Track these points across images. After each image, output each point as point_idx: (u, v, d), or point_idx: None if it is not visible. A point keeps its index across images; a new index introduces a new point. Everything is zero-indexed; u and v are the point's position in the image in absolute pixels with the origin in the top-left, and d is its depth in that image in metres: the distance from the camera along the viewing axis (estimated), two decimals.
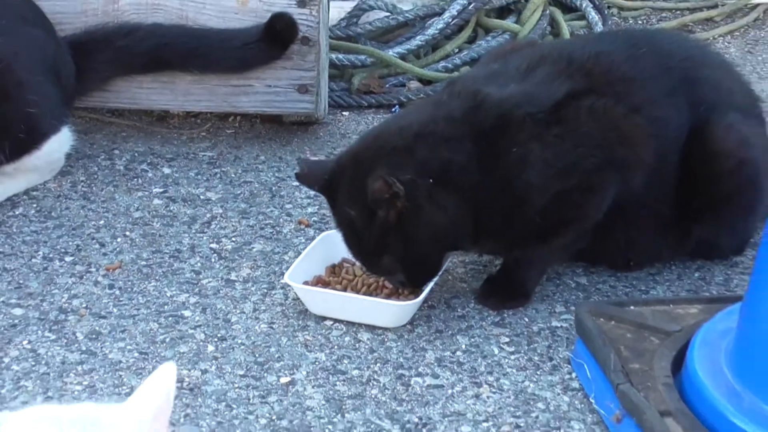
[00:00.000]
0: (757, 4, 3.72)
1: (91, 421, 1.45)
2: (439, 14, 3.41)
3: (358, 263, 2.49)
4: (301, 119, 3.08)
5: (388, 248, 2.33)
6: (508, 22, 3.46)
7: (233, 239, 2.75)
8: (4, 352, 2.36)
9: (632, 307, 2.30)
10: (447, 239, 2.39)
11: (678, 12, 3.68)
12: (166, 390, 1.46)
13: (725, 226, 2.59)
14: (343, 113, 3.16)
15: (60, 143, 2.87)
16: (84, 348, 2.37)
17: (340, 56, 3.26)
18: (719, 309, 2.20)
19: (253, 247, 2.71)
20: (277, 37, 3.00)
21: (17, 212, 2.81)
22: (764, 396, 1.92)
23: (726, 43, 3.48)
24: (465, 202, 2.35)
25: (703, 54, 2.81)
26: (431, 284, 2.42)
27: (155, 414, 1.47)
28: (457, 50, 3.40)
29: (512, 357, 2.34)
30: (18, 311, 2.49)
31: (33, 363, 2.32)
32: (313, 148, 3.00)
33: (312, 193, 2.84)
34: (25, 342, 2.39)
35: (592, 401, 2.18)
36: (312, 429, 2.14)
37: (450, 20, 3.38)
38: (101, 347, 2.38)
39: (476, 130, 2.36)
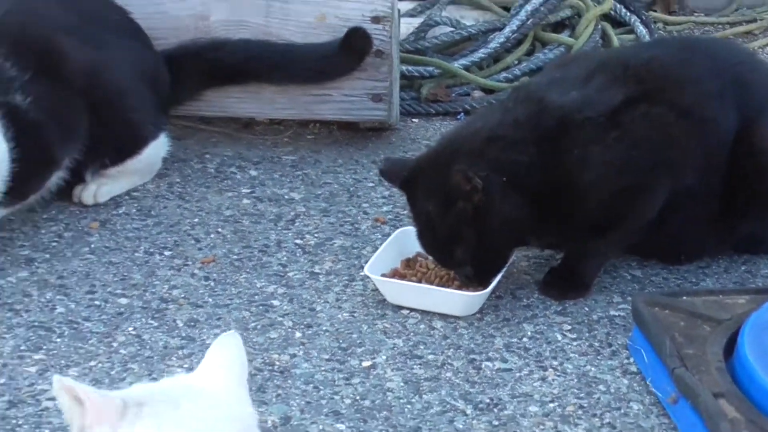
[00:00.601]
0: None
1: (196, 391, 1.52)
2: (500, 29, 3.42)
3: (430, 257, 2.49)
4: (375, 126, 3.10)
5: (462, 240, 2.35)
6: (563, 36, 3.46)
7: (316, 235, 2.77)
8: (113, 338, 2.38)
9: (684, 298, 2.32)
10: (515, 233, 2.42)
11: (719, 26, 3.68)
12: (238, 355, 1.53)
13: None
14: (413, 120, 3.19)
15: (158, 148, 2.92)
16: (184, 334, 2.40)
17: (410, 68, 3.28)
18: (766, 299, 2.21)
19: (334, 243, 2.74)
20: (353, 50, 3.02)
21: (120, 211, 2.85)
22: None
23: (765, 54, 3.46)
24: (530, 199, 2.37)
25: (751, 59, 2.82)
26: (498, 277, 2.44)
27: (239, 377, 1.54)
28: (516, 62, 3.41)
29: (574, 343, 2.37)
30: (123, 300, 2.52)
31: (138, 347, 2.35)
32: (386, 152, 3.01)
33: (387, 192, 2.87)
34: (130, 328, 2.42)
35: (649, 384, 2.20)
36: (392, 408, 2.16)
37: (510, 35, 3.38)
38: (199, 333, 2.40)
39: (540, 133, 2.38)
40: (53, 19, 2.80)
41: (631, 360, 2.31)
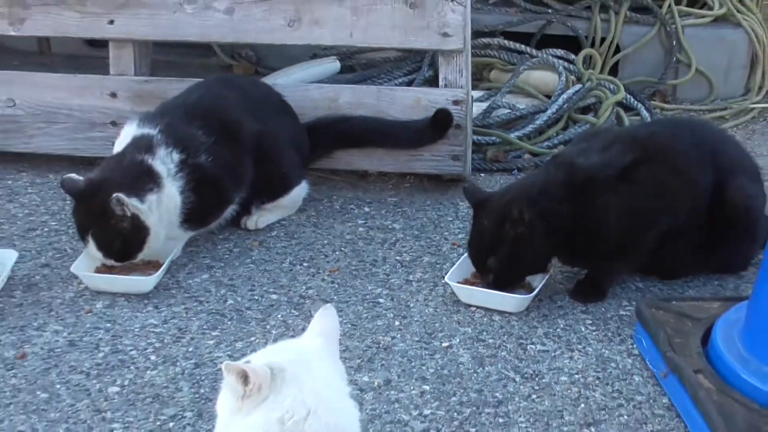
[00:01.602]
0: (753, 108, 3.68)
1: (304, 348, 1.55)
2: (544, 111, 3.43)
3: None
4: (453, 178, 3.11)
5: (495, 253, 2.39)
6: (589, 117, 3.47)
7: (410, 254, 2.80)
8: (266, 322, 2.44)
9: (674, 302, 2.35)
10: (533, 263, 2.48)
11: (701, 112, 3.65)
12: (334, 323, 1.57)
13: (735, 251, 2.60)
14: (480, 174, 3.22)
15: (300, 190, 2.97)
16: None
17: (479, 137, 3.30)
18: (733, 305, 2.23)
19: (423, 259, 2.77)
20: (439, 124, 3.03)
21: (273, 234, 2.90)
22: (764, 360, 1.97)
23: (732, 131, 3.45)
24: (563, 235, 2.40)
25: (722, 135, 2.85)
26: (540, 285, 2.47)
27: (331, 338, 1.56)
28: (555, 134, 3.41)
29: (593, 333, 2.40)
30: (274, 296, 2.57)
31: (284, 329, 2.41)
32: (461, 198, 3.00)
33: (461, 225, 2.90)
34: (279, 316, 2.48)
35: (648, 363, 2.24)
36: (463, 376, 2.20)
37: (551, 115, 3.40)
38: None
39: (572, 188, 2.41)
40: (232, 101, 2.86)
41: (635, 346, 2.33)
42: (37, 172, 3.20)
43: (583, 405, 2.13)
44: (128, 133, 2.73)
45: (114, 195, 2.41)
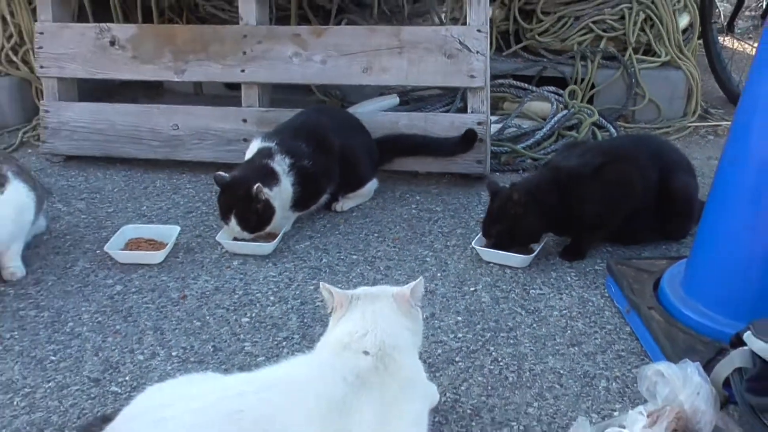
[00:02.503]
0: (689, 126, 3.65)
1: (379, 291, 1.57)
2: (540, 129, 3.42)
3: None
4: (477, 176, 3.08)
5: (498, 225, 2.41)
6: (573, 133, 3.43)
7: (447, 227, 2.79)
8: (350, 276, 2.48)
9: (634, 260, 2.32)
10: (525, 236, 2.45)
11: (652, 129, 3.60)
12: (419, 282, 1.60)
13: (677, 225, 2.57)
14: (496, 174, 3.19)
15: (372, 185, 2.97)
16: (385, 274, 2.46)
17: (495, 148, 3.28)
18: (675, 262, 2.21)
19: (456, 231, 2.76)
20: (468, 139, 3.02)
21: (353, 214, 2.91)
22: (699, 300, 1.95)
23: (675, 143, 3.38)
24: (551, 217, 2.40)
25: (667, 144, 2.80)
26: (539, 249, 2.46)
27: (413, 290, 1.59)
28: (549, 145, 3.38)
29: (576, 282, 2.38)
30: (354, 257, 2.60)
31: (361, 279, 2.42)
32: (483, 189, 2.98)
33: (483, 208, 2.84)
34: (358, 270, 2.50)
35: (615, 303, 2.20)
36: (484, 311, 2.20)
37: (546, 131, 3.39)
38: (391, 274, 2.46)
39: (559, 183, 2.41)
40: (325, 123, 2.88)
41: (606, 291, 2.32)
42: (192, 174, 3.25)
43: (569, 331, 2.11)
44: (255, 146, 2.76)
45: (256, 185, 2.44)
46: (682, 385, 1.55)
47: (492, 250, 2.48)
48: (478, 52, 3.01)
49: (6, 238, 2.47)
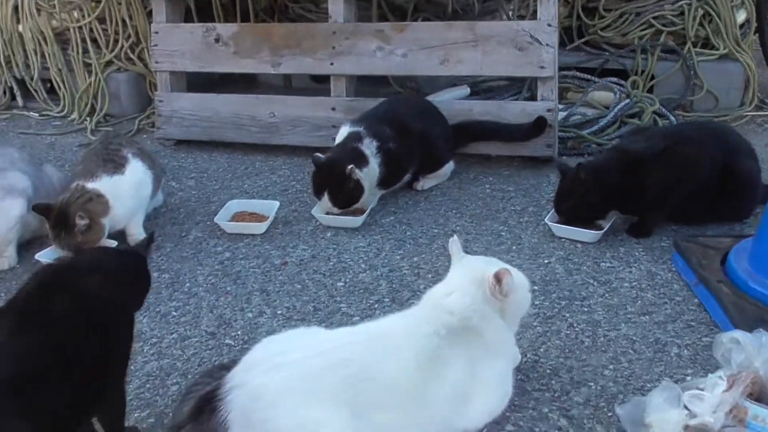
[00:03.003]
0: (746, 115, 3.48)
1: (484, 264, 1.53)
2: (604, 117, 3.32)
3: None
4: (546, 159, 3.02)
5: (567, 201, 2.36)
6: (635, 120, 3.33)
7: (520, 205, 2.74)
8: (432, 245, 2.44)
9: (700, 238, 2.25)
10: (592, 211, 2.39)
11: (710, 117, 3.45)
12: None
13: (741, 206, 2.47)
14: (563, 157, 3.09)
15: (449, 166, 2.94)
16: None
17: (561, 133, 3.20)
18: (741, 240, 2.13)
19: (528, 209, 2.71)
20: (539, 125, 2.95)
21: (432, 193, 2.89)
22: (764, 274, 1.87)
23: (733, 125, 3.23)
24: (615, 195, 2.33)
25: (730, 130, 2.70)
26: (608, 226, 2.39)
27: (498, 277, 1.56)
28: (612, 132, 3.28)
29: (644, 256, 2.30)
30: (435, 230, 2.58)
31: (443, 251, 2.36)
32: (551, 171, 2.93)
33: (551, 189, 2.78)
34: (439, 242, 2.46)
35: (683, 276, 2.12)
36: (559, 281, 2.15)
37: (610, 119, 3.29)
38: (470, 246, 2.39)
39: (626, 165, 2.33)
40: (406, 110, 2.87)
41: (673, 266, 2.24)
42: (287, 156, 3.27)
43: (639, 301, 2.05)
44: (345, 130, 2.76)
45: (350, 166, 2.45)
46: (757, 352, 1.49)
47: (564, 225, 2.42)
48: (547, 45, 2.94)
49: (129, 211, 2.54)
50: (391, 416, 1.40)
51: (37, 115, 4.07)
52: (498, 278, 1.55)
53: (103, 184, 2.45)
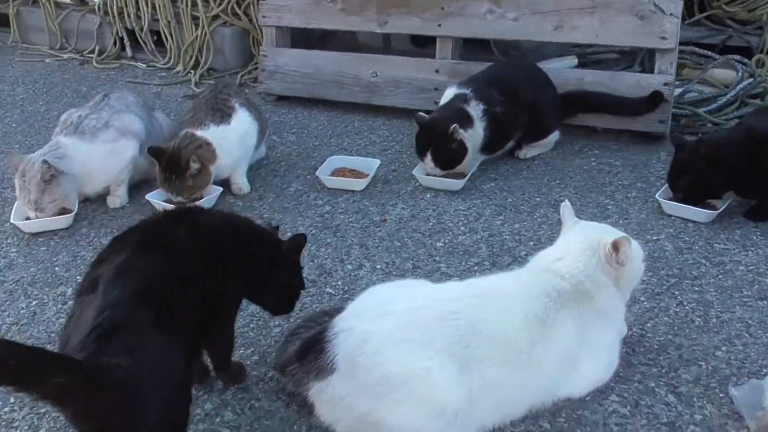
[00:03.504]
0: None
1: (600, 231, 1.51)
2: (724, 95, 3.16)
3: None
4: (657, 135, 2.93)
5: (684, 178, 2.29)
6: (758, 101, 3.15)
7: (627, 180, 2.67)
8: (533, 215, 2.41)
9: None
10: (710, 189, 2.31)
11: None
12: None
13: None
14: (676, 133, 2.95)
15: (554, 136, 2.87)
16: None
17: (676, 110, 3.07)
18: None
19: (636, 185, 2.62)
20: (654, 100, 2.86)
21: (535, 162, 2.84)
22: None
23: None
24: (735, 175, 2.24)
25: None
26: (724, 207, 2.32)
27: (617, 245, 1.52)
28: (731, 112, 3.12)
29: (763, 241, 2.25)
30: (537, 199, 2.56)
31: (545, 219, 2.36)
32: (662, 148, 2.84)
33: (662, 166, 2.69)
34: (541, 211, 2.45)
35: None
36: (668, 258, 2.11)
37: (730, 98, 3.13)
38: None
39: (750, 144, 2.23)
40: (517, 75, 2.83)
41: None
42: (386, 117, 3.29)
43: (757, 286, 1.98)
44: (451, 92, 2.76)
45: (453, 125, 2.44)
46: None
47: (675, 203, 2.35)
48: (671, 14, 2.83)
49: (234, 160, 2.63)
50: (497, 373, 1.41)
51: (144, 65, 4.22)
52: (616, 246, 1.52)
53: (210, 133, 2.54)
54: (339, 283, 2.04)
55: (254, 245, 1.52)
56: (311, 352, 1.44)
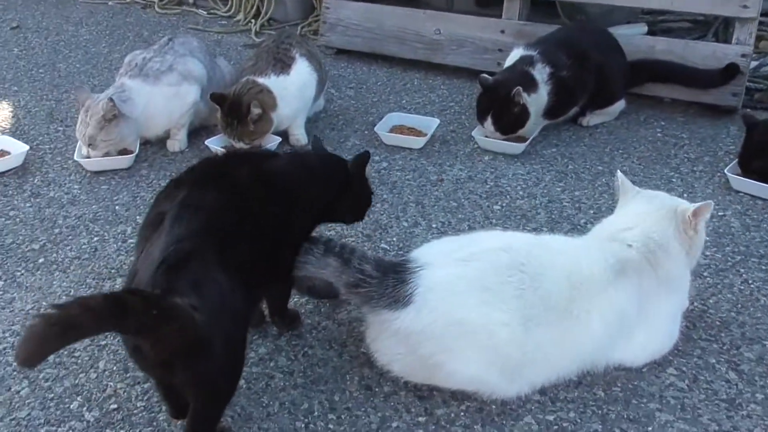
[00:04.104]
0: None
1: (667, 198, 1.47)
2: None
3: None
4: (728, 109, 2.83)
5: (762, 158, 2.22)
6: None
7: (694, 154, 2.59)
8: (594, 183, 2.36)
9: None
10: None
11: None
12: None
13: None
14: (746, 109, 2.85)
15: (620, 105, 2.80)
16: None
17: (750, 84, 2.95)
18: None
19: (704, 159, 2.55)
20: (729, 72, 2.76)
21: (598, 130, 2.77)
22: None
23: None
24: None
25: None
26: None
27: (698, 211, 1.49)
28: None
29: None
30: (599, 167, 2.50)
31: (606, 188, 2.32)
32: (732, 122, 2.75)
33: (731, 141, 2.63)
34: (603, 180, 2.42)
35: None
36: (734, 235, 2.06)
37: None
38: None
39: None
40: (586, 39, 2.75)
41: None
42: (446, 77, 3.25)
43: None
44: (516, 53, 2.70)
45: (516, 88, 2.39)
46: None
47: (745, 179, 2.27)
48: None
49: (292, 111, 2.63)
50: (549, 334, 1.40)
51: (205, 13, 4.23)
52: (696, 213, 1.49)
53: (271, 83, 2.54)
54: (394, 239, 2.04)
55: (322, 176, 1.52)
56: (390, 278, 1.40)
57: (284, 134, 2.63)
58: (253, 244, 1.34)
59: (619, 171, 1.61)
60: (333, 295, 1.59)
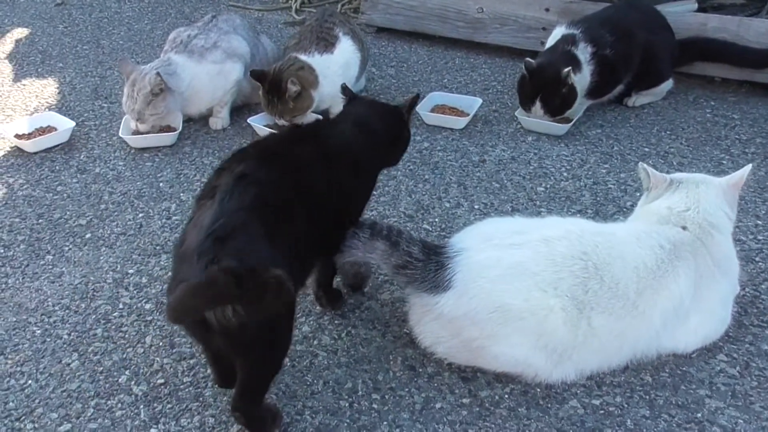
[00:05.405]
0: None
1: (706, 177, 1.42)
2: None
3: None
4: None
5: None
6: None
7: (747, 135, 2.51)
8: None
9: None
10: None
11: None
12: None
13: None
14: None
15: (667, 85, 2.74)
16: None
17: None
18: None
19: (756, 140, 2.47)
20: None
21: (644, 111, 2.71)
22: None
23: None
24: None
25: None
26: None
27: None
28: None
29: None
30: (646, 149, 2.45)
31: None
32: None
33: None
34: (650, 162, 2.34)
35: None
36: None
37: None
38: (685, 171, 2.24)
39: None
40: (632, 17, 2.68)
41: None
42: (488, 56, 3.20)
43: None
44: (558, 32, 2.65)
45: (567, 68, 2.34)
46: None
47: None
48: None
49: (335, 90, 2.59)
50: (607, 321, 1.38)
51: None
52: (739, 182, 1.47)
53: (314, 60, 2.52)
54: (436, 220, 2.03)
55: (384, 135, 1.55)
56: (432, 261, 1.39)
57: (325, 114, 2.62)
58: (309, 219, 1.33)
59: (641, 163, 1.56)
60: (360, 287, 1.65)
